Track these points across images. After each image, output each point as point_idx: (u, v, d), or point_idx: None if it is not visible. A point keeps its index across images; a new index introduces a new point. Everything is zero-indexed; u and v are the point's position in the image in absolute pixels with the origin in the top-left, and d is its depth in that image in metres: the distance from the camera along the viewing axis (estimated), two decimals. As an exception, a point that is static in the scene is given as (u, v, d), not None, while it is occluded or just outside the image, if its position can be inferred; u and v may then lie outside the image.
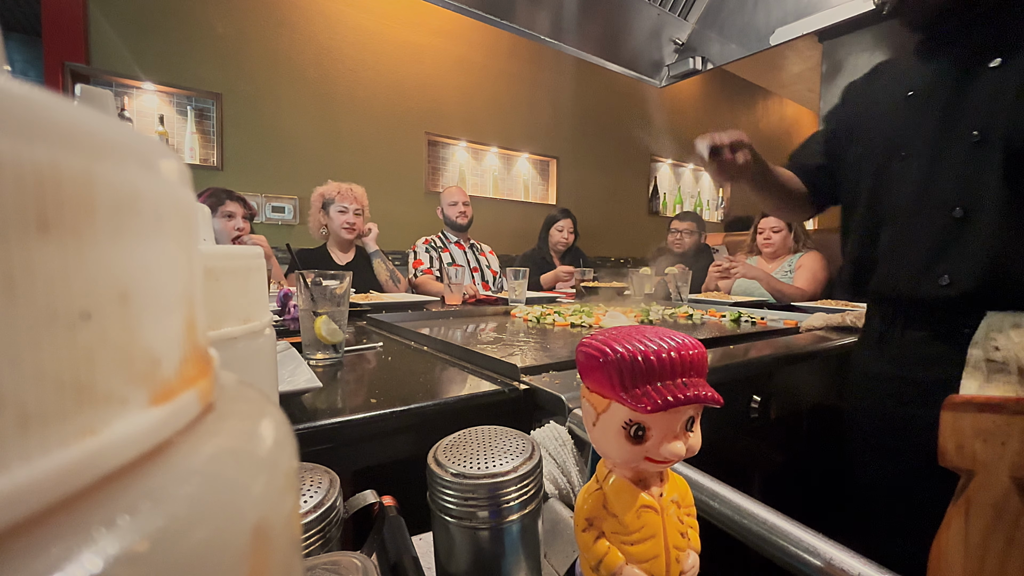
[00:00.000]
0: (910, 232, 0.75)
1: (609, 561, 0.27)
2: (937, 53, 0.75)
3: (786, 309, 1.49)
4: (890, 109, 0.80)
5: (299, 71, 2.50)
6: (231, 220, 1.68)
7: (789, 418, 0.83)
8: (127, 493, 0.08)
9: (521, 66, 3.25)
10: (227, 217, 1.67)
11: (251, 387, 0.13)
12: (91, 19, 2.04)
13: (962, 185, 0.69)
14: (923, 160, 0.74)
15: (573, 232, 2.57)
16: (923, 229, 0.73)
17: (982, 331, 0.66)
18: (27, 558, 0.06)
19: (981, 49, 0.69)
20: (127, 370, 0.09)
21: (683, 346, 0.26)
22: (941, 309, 0.72)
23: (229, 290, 0.31)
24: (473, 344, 0.81)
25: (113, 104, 0.24)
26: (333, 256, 1.93)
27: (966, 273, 0.68)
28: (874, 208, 0.81)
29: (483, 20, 1.31)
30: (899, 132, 0.78)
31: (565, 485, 0.47)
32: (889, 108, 0.80)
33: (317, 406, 0.52)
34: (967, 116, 0.69)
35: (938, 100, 0.73)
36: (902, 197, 0.76)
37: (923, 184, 0.73)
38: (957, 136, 0.70)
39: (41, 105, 0.07)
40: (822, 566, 0.29)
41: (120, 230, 0.09)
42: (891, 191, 0.78)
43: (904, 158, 0.76)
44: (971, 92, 0.69)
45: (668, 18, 1.55)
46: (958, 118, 0.70)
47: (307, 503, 0.31)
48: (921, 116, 0.75)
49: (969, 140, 0.68)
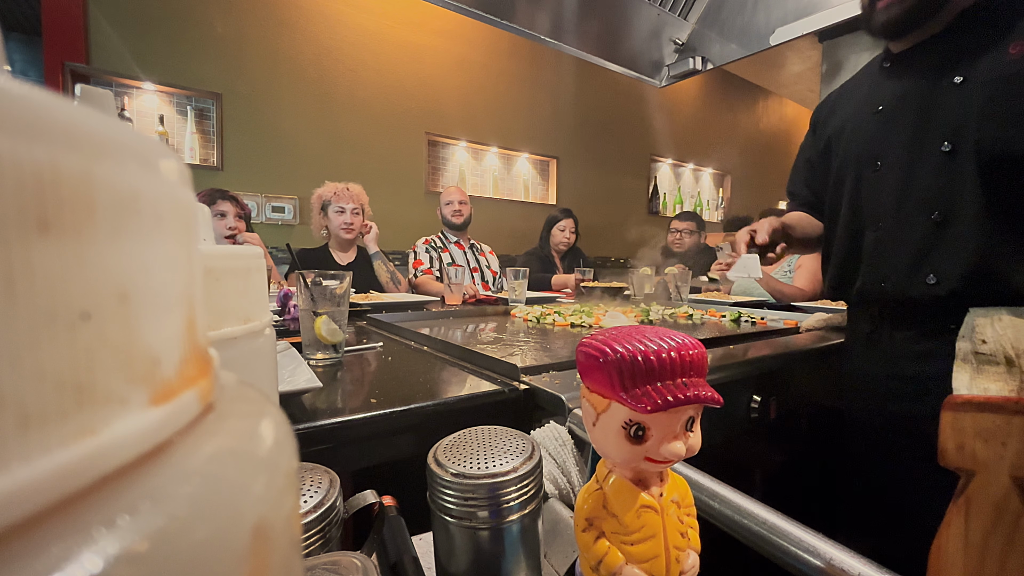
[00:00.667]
0: (893, 236, 0.78)
1: (609, 561, 0.27)
2: (902, 71, 0.80)
3: (786, 309, 1.49)
4: (861, 124, 0.85)
5: (299, 71, 2.50)
6: (223, 219, 1.68)
7: (789, 418, 0.84)
8: (127, 493, 0.08)
9: (521, 66, 3.25)
10: (219, 216, 1.67)
11: (251, 387, 0.13)
12: (91, 19, 2.04)
13: (937, 193, 0.73)
14: (897, 170, 0.78)
15: (575, 232, 2.57)
16: (905, 233, 0.77)
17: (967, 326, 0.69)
18: (27, 558, 0.06)
19: (943, 66, 0.73)
20: (127, 370, 0.09)
21: (683, 346, 0.26)
22: (929, 307, 0.75)
23: (229, 290, 0.31)
24: (473, 344, 0.81)
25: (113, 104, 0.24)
26: (334, 256, 1.93)
27: (951, 272, 0.71)
28: (856, 215, 0.85)
29: (483, 20, 1.32)
30: (872, 145, 0.82)
31: (565, 485, 0.47)
32: (860, 123, 0.85)
33: (317, 406, 0.52)
34: (936, 129, 0.73)
35: (907, 114, 0.77)
36: (882, 204, 0.80)
37: (900, 192, 0.77)
38: (928, 147, 0.74)
39: (41, 105, 0.07)
40: (822, 566, 0.29)
41: (120, 230, 0.09)
42: (870, 199, 0.82)
43: (879, 168, 0.81)
44: (937, 107, 0.73)
45: (668, 18, 1.55)
46: (927, 131, 0.74)
47: (307, 503, 0.31)
48: (892, 129, 0.79)
49: (939, 151, 0.72)
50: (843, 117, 0.90)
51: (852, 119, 0.87)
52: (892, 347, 0.80)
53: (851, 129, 0.87)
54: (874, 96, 0.83)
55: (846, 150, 0.87)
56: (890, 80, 0.81)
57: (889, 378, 0.80)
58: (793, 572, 0.31)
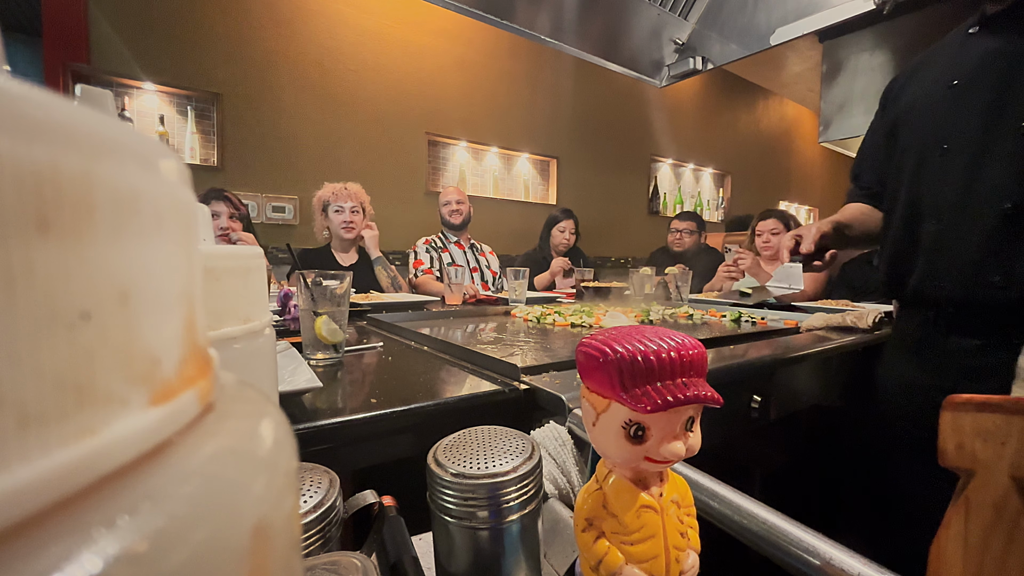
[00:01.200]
0: (956, 230, 0.70)
1: (609, 561, 0.27)
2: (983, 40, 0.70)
3: (786, 309, 1.49)
4: (932, 101, 0.75)
5: (299, 71, 2.50)
6: (216, 220, 1.68)
7: (789, 418, 0.83)
8: (127, 493, 0.08)
9: (521, 66, 3.24)
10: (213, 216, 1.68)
11: (251, 387, 0.13)
12: (92, 19, 2.04)
13: (1012, 179, 0.64)
14: (967, 154, 0.69)
15: (575, 233, 2.56)
16: (970, 226, 0.68)
17: None
18: (27, 558, 0.06)
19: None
20: (127, 370, 0.09)
21: (683, 346, 0.26)
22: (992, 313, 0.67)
23: (229, 290, 0.31)
24: (473, 344, 0.81)
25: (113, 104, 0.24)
26: (336, 257, 1.93)
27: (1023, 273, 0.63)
28: (915, 206, 0.76)
29: (483, 20, 1.31)
30: (940, 125, 0.73)
31: (565, 485, 0.47)
32: (932, 100, 0.75)
33: (317, 406, 0.52)
34: (1014, 107, 0.65)
35: (983, 90, 0.68)
36: (945, 193, 0.71)
37: (968, 179, 0.69)
38: (1004, 128, 0.66)
39: (41, 105, 0.07)
40: (822, 566, 0.29)
41: (120, 230, 0.09)
42: (932, 187, 0.73)
43: (945, 152, 0.72)
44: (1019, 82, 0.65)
45: (668, 18, 1.55)
46: (1004, 109, 0.66)
47: (307, 503, 0.31)
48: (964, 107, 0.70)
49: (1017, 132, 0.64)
50: (915, 94, 0.79)
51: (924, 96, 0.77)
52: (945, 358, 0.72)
53: (921, 107, 0.77)
54: (952, 68, 0.73)
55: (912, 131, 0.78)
56: (972, 51, 0.71)
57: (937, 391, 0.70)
58: (792, 572, 0.31)
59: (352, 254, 1.97)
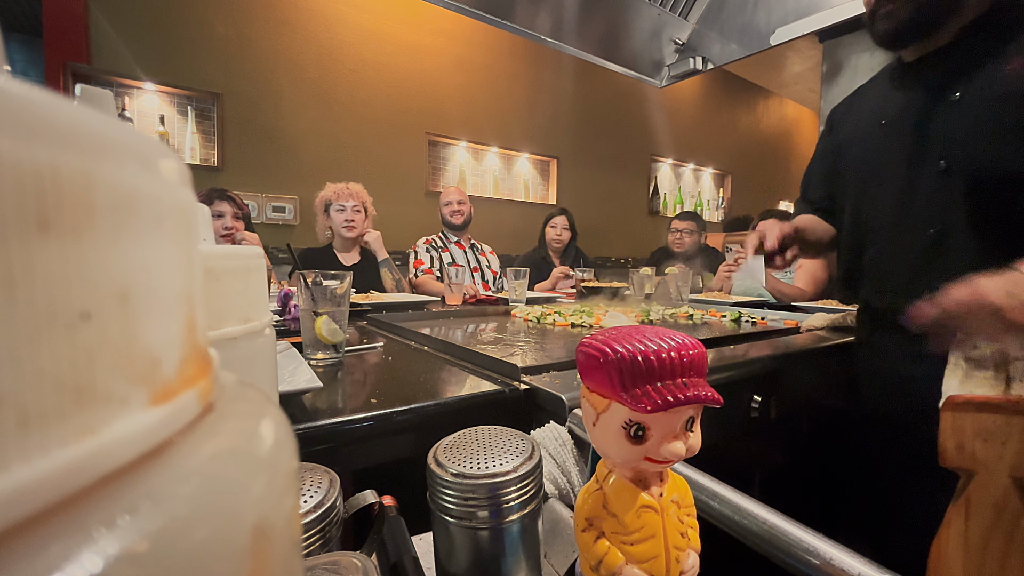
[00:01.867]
0: (892, 250, 0.80)
1: (609, 561, 0.27)
2: (906, 82, 0.80)
3: (786, 309, 1.49)
4: (867, 136, 0.85)
5: (299, 71, 2.50)
6: (219, 219, 1.68)
7: (789, 418, 0.83)
8: (127, 493, 0.08)
9: (521, 66, 3.24)
10: (216, 216, 1.68)
11: (251, 387, 0.13)
12: (92, 19, 2.04)
13: (933, 210, 0.74)
14: (896, 186, 0.79)
15: (568, 229, 2.55)
16: (903, 248, 0.78)
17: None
18: (27, 558, 0.06)
19: (944, 82, 0.73)
20: (127, 370, 0.09)
21: (683, 346, 0.26)
22: None
23: (229, 290, 0.31)
24: (473, 344, 0.81)
25: (113, 104, 0.24)
26: (338, 257, 1.93)
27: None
28: (858, 226, 0.87)
29: (483, 20, 1.32)
30: (873, 160, 0.83)
31: (565, 485, 0.47)
32: (866, 135, 0.86)
33: (317, 406, 0.52)
34: (934, 145, 0.74)
35: (907, 129, 0.77)
36: (881, 218, 0.82)
37: (898, 207, 0.78)
38: (926, 164, 0.75)
39: (41, 105, 0.07)
40: (822, 566, 0.29)
41: (120, 230, 0.09)
42: (871, 212, 0.84)
43: (879, 184, 0.82)
44: (936, 123, 0.74)
45: (668, 18, 1.55)
46: (926, 147, 0.75)
47: (307, 503, 0.31)
48: (892, 145, 0.80)
49: (936, 168, 0.73)
50: (854, 124, 0.90)
51: (861, 129, 0.88)
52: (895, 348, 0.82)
53: (858, 140, 0.87)
54: (881, 107, 0.84)
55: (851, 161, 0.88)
56: (897, 92, 0.81)
57: (892, 376, 0.82)
58: (793, 572, 0.31)
59: (354, 254, 1.98)
